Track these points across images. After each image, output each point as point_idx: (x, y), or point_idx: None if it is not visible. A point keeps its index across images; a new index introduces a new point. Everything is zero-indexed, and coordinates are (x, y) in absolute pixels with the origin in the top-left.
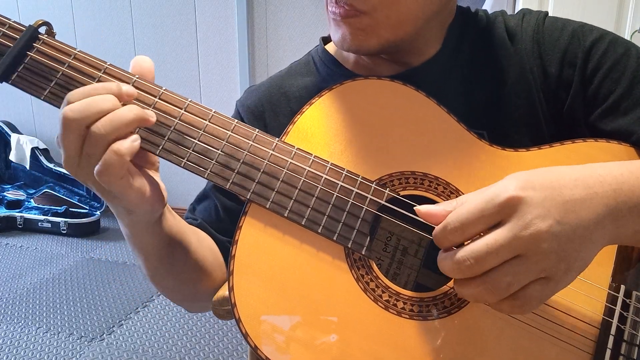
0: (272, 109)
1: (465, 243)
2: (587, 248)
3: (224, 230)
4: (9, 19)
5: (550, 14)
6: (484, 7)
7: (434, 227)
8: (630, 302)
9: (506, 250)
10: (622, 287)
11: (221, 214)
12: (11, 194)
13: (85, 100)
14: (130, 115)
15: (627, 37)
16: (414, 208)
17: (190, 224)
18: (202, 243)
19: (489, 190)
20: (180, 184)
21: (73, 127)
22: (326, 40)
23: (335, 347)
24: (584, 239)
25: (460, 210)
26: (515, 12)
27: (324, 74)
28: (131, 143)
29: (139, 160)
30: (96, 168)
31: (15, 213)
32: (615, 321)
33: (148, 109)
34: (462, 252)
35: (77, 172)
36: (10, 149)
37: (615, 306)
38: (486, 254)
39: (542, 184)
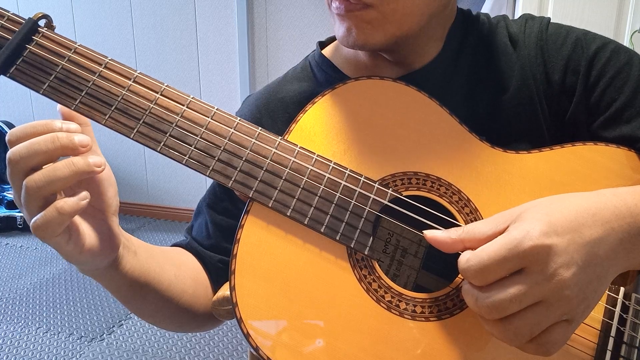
0: (269, 115)
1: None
2: (603, 284)
3: (213, 247)
4: (8, 11)
5: (550, 14)
6: (483, 8)
7: (436, 228)
8: (629, 304)
9: (529, 298)
10: (622, 289)
11: (211, 230)
12: (11, 194)
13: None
14: (66, 172)
15: (627, 37)
16: (422, 232)
17: (179, 244)
18: (181, 272)
19: (511, 235)
20: (180, 184)
21: (16, 170)
22: (323, 44)
23: (338, 346)
24: (601, 276)
25: (482, 254)
26: (515, 12)
27: (321, 79)
28: (78, 201)
29: (92, 203)
30: (32, 220)
31: (15, 213)
32: (615, 323)
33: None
34: (486, 301)
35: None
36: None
37: (615, 308)
38: (509, 302)
39: (564, 227)
